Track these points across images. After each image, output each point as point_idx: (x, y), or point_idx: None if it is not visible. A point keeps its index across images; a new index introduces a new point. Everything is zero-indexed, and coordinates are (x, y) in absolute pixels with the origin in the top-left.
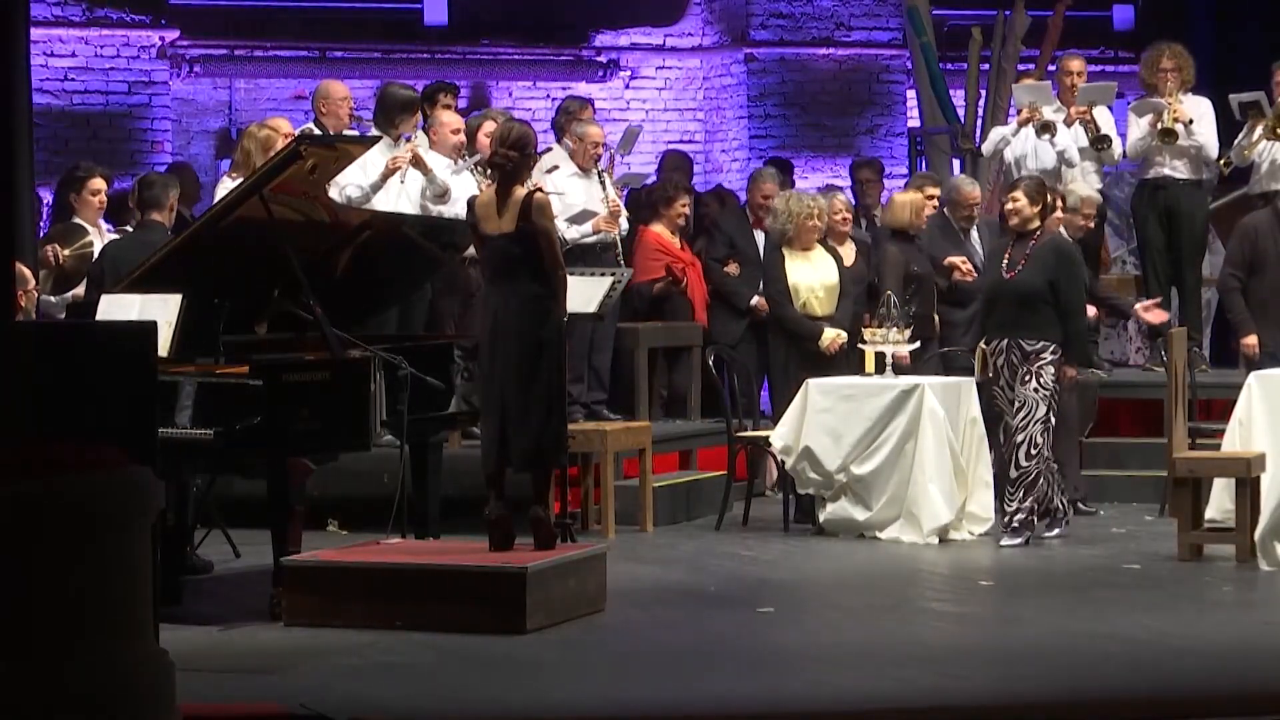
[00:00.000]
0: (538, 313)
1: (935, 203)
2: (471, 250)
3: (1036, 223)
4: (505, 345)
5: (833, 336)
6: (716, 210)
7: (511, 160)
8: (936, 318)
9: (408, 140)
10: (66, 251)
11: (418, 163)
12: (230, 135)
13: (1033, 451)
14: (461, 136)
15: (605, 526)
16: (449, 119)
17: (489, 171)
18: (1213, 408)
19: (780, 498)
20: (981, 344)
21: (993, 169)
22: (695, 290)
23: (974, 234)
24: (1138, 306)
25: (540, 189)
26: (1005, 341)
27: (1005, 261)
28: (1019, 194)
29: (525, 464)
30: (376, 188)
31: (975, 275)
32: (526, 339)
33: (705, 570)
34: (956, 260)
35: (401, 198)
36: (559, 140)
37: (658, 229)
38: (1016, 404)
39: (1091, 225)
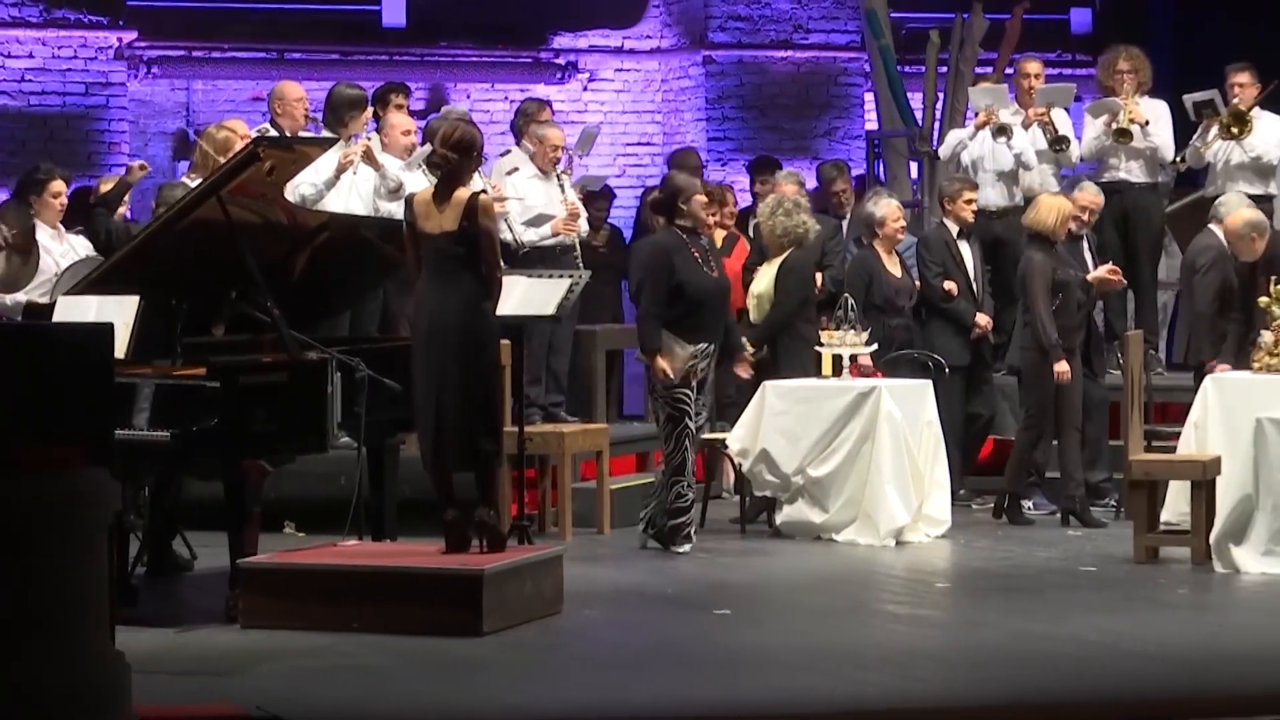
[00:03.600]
0: (477, 313)
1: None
2: None
3: None
4: (443, 345)
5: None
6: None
7: (451, 161)
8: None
9: (358, 139)
10: (10, 231)
11: (370, 158)
12: (188, 137)
13: None
14: (413, 138)
15: (562, 529)
16: (400, 120)
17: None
18: (1168, 410)
19: (737, 500)
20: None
21: (949, 172)
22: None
23: (1087, 239)
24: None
25: (485, 190)
26: None
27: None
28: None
29: (463, 464)
30: (330, 184)
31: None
32: (467, 339)
33: (662, 572)
34: (951, 285)
35: (353, 194)
36: (518, 142)
37: None
38: None
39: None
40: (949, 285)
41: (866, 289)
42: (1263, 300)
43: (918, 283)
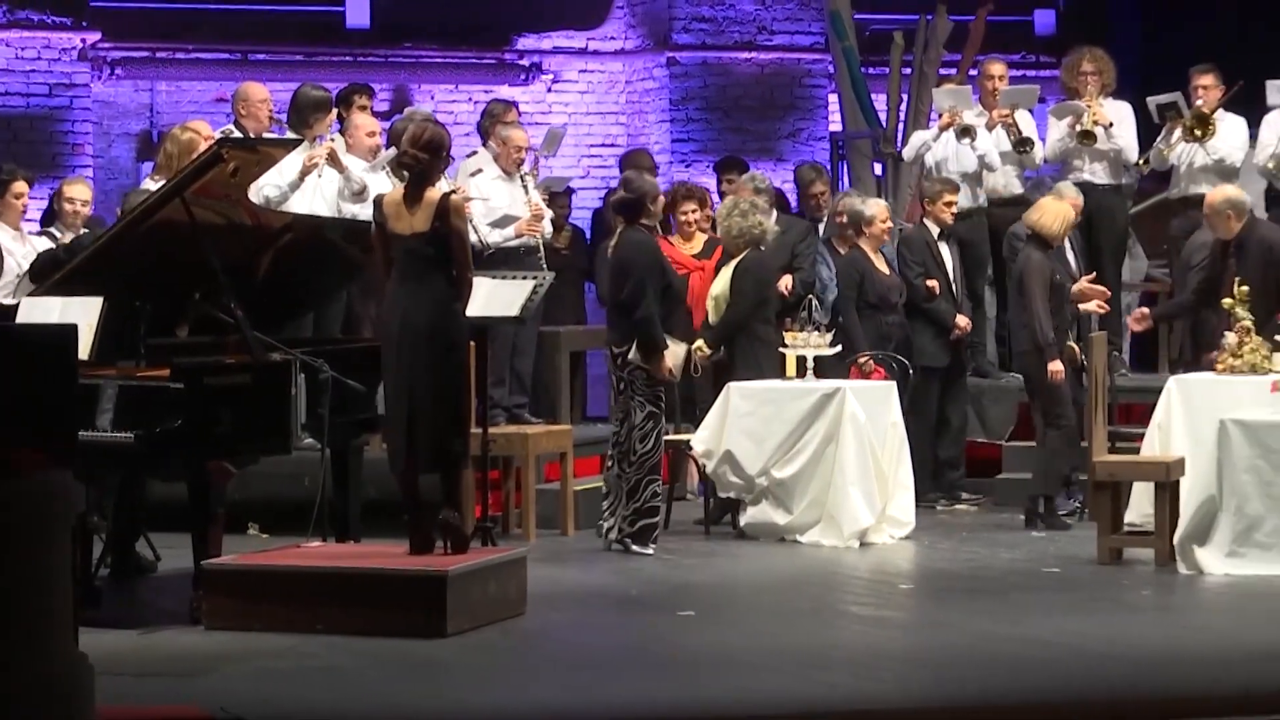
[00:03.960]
0: (447, 314)
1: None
2: None
3: None
4: (414, 346)
5: (694, 346)
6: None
7: (421, 162)
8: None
9: (323, 141)
10: None
11: (334, 161)
12: (151, 138)
13: None
14: (377, 139)
15: (526, 530)
16: (364, 121)
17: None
18: (1132, 412)
19: (701, 501)
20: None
21: (914, 173)
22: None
23: (1070, 240)
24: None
25: (455, 191)
26: None
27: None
28: None
29: (433, 465)
30: (295, 187)
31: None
32: (437, 340)
33: (626, 574)
34: (933, 283)
35: (317, 196)
36: (484, 143)
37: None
38: None
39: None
40: (931, 283)
41: (859, 288)
42: (1226, 301)
43: None
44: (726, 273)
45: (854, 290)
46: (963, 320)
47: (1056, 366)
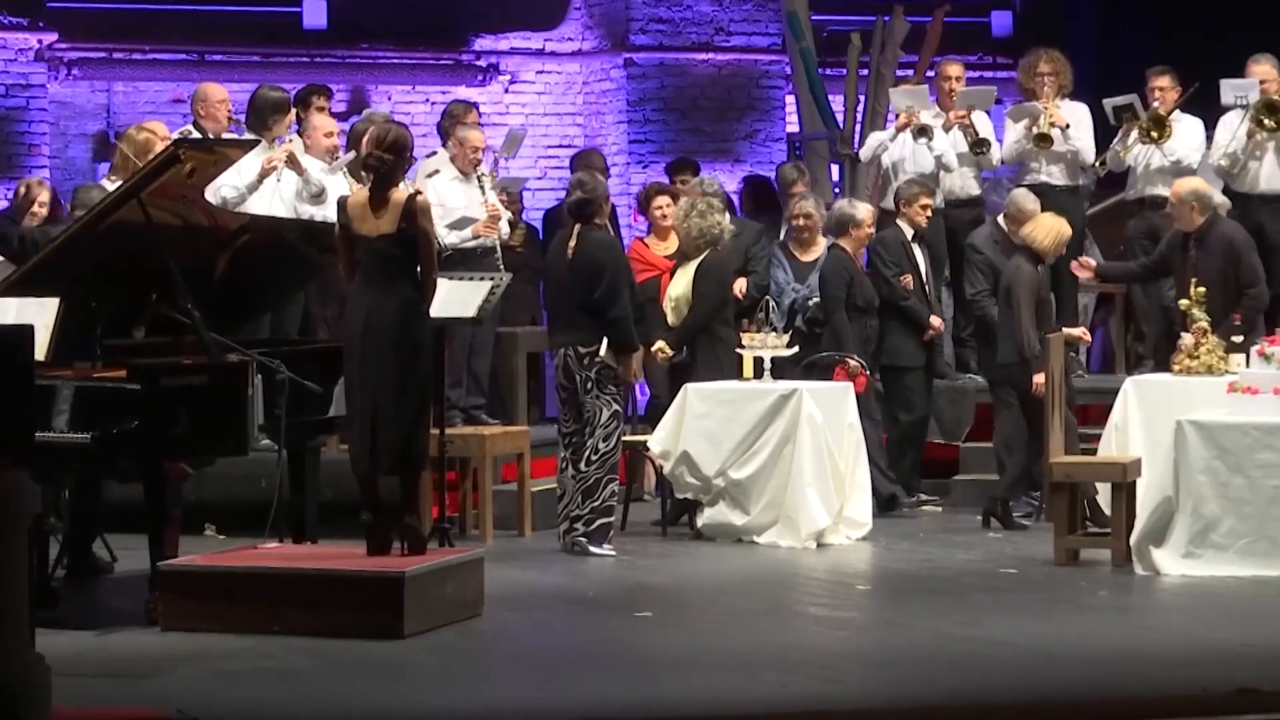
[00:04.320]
0: (413, 316)
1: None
2: None
3: None
4: (379, 348)
5: (656, 347)
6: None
7: (386, 163)
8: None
9: (282, 142)
10: None
11: (293, 163)
12: (108, 138)
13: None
14: (335, 140)
15: (483, 531)
16: (322, 122)
17: (363, 174)
18: (1089, 413)
19: (659, 502)
20: None
21: (870, 174)
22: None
23: None
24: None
25: (420, 192)
26: None
27: None
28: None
29: (395, 467)
30: (253, 188)
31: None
32: (403, 342)
33: (583, 575)
34: (908, 280)
35: (275, 198)
36: (444, 144)
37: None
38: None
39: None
40: (906, 279)
41: (848, 289)
42: (1183, 303)
43: None
44: (686, 274)
45: (843, 292)
46: (936, 321)
47: (1040, 380)
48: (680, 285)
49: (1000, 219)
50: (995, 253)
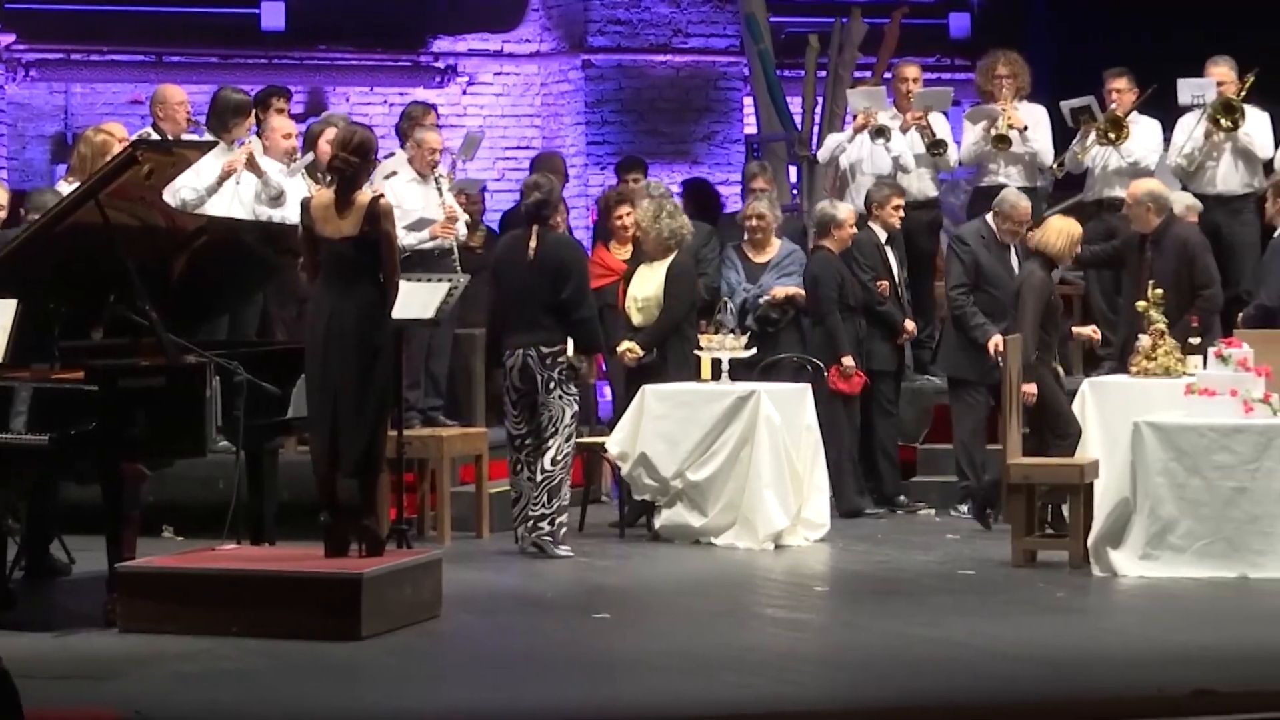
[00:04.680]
0: (374, 318)
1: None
2: None
3: None
4: (341, 351)
5: (624, 347)
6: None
7: (352, 165)
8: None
9: (241, 145)
10: None
11: (252, 165)
12: (66, 140)
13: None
14: (294, 142)
15: (441, 533)
16: (281, 124)
17: (322, 175)
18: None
19: (616, 504)
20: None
21: (829, 175)
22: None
23: (1013, 249)
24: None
25: (384, 194)
26: None
27: None
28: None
29: (355, 470)
30: (212, 190)
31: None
32: (364, 345)
33: (541, 576)
34: (884, 285)
35: (234, 199)
36: (402, 146)
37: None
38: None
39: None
40: (883, 285)
41: (840, 289)
42: (1140, 304)
43: None
44: (654, 275)
45: (834, 291)
46: (910, 324)
47: (1030, 389)
48: (650, 286)
49: (990, 218)
50: (981, 249)
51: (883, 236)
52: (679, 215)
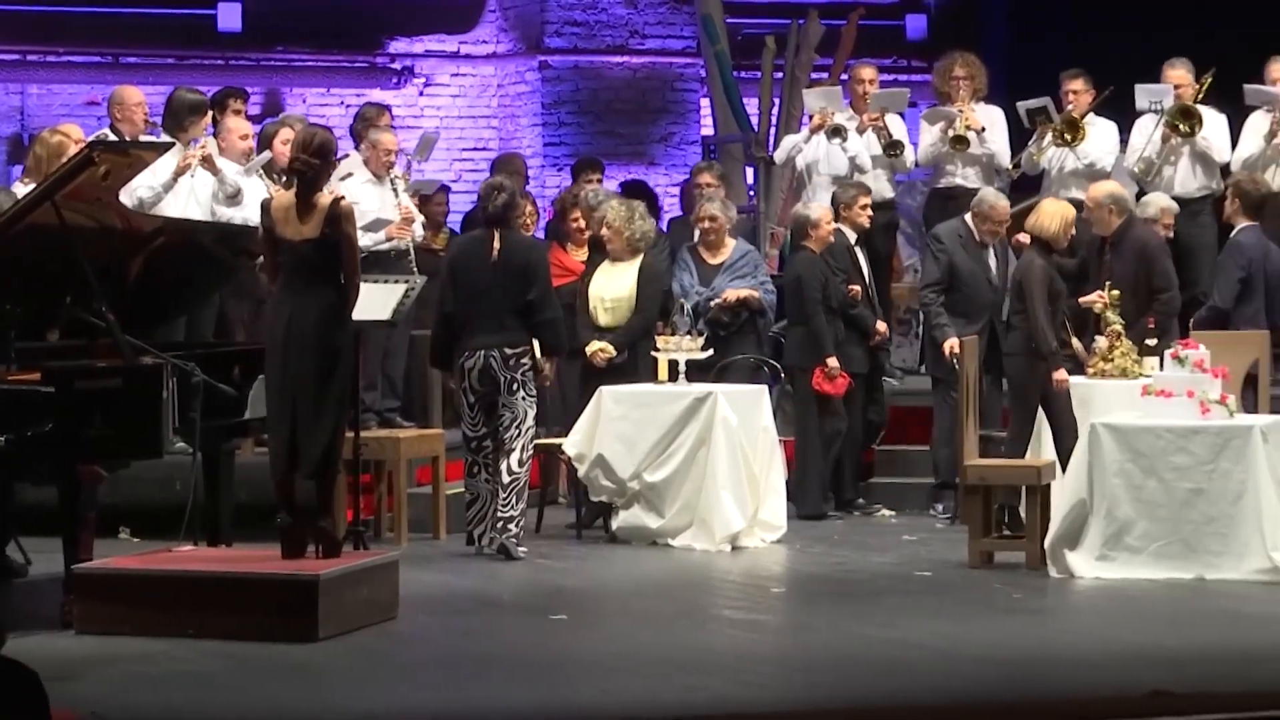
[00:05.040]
0: (335, 320)
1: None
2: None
3: None
4: (300, 352)
5: (595, 347)
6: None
7: (313, 167)
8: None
9: (197, 144)
10: None
11: (208, 163)
12: (22, 141)
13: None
14: (250, 143)
15: (398, 534)
16: (238, 125)
17: (278, 174)
18: (1004, 416)
19: (573, 505)
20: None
21: (785, 176)
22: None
23: (992, 249)
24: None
25: (344, 196)
26: None
27: None
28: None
29: (314, 471)
30: (168, 188)
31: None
32: (323, 347)
33: (498, 578)
34: (856, 289)
35: (191, 199)
36: (356, 147)
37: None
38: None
39: (1171, 234)
40: (854, 289)
41: (824, 290)
42: (1097, 306)
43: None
44: (622, 276)
45: (819, 291)
46: (882, 326)
47: (1062, 375)
48: (618, 287)
49: (968, 218)
50: (958, 249)
51: (852, 238)
52: (649, 217)
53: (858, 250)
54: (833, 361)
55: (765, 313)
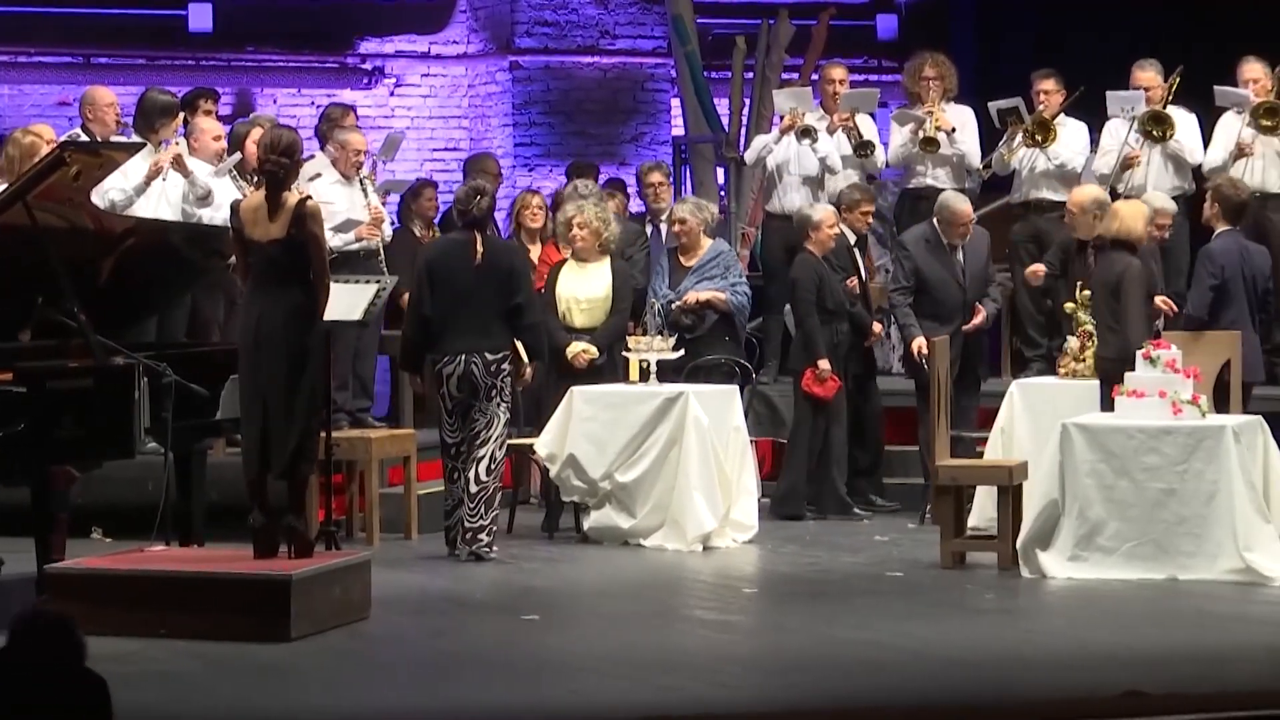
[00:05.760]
0: (303, 321)
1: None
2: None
3: None
4: (271, 353)
5: (578, 349)
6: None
7: (282, 167)
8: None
9: (168, 145)
10: None
11: (179, 165)
12: None
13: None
14: (222, 143)
15: (370, 534)
16: (209, 125)
17: (251, 176)
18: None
19: (543, 505)
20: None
21: (756, 177)
22: None
23: (960, 250)
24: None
25: (311, 196)
26: None
27: None
28: None
29: (286, 471)
30: (140, 190)
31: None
32: (293, 347)
33: (470, 578)
34: (854, 283)
35: (162, 200)
36: (322, 148)
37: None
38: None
39: (1166, 236)
40: (851, 282)
41: (818, 292)
42: (1068, 306)
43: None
44: (594, 277)
45: (813, 294)
46: (878, 326)
47: None
48: (594, 288)
49: (935, 221)
50: (923, 253)
51: (852, 239)
52: (619, 220)
53: (856, 251)
54: (824, 364)
55: (734, 314)
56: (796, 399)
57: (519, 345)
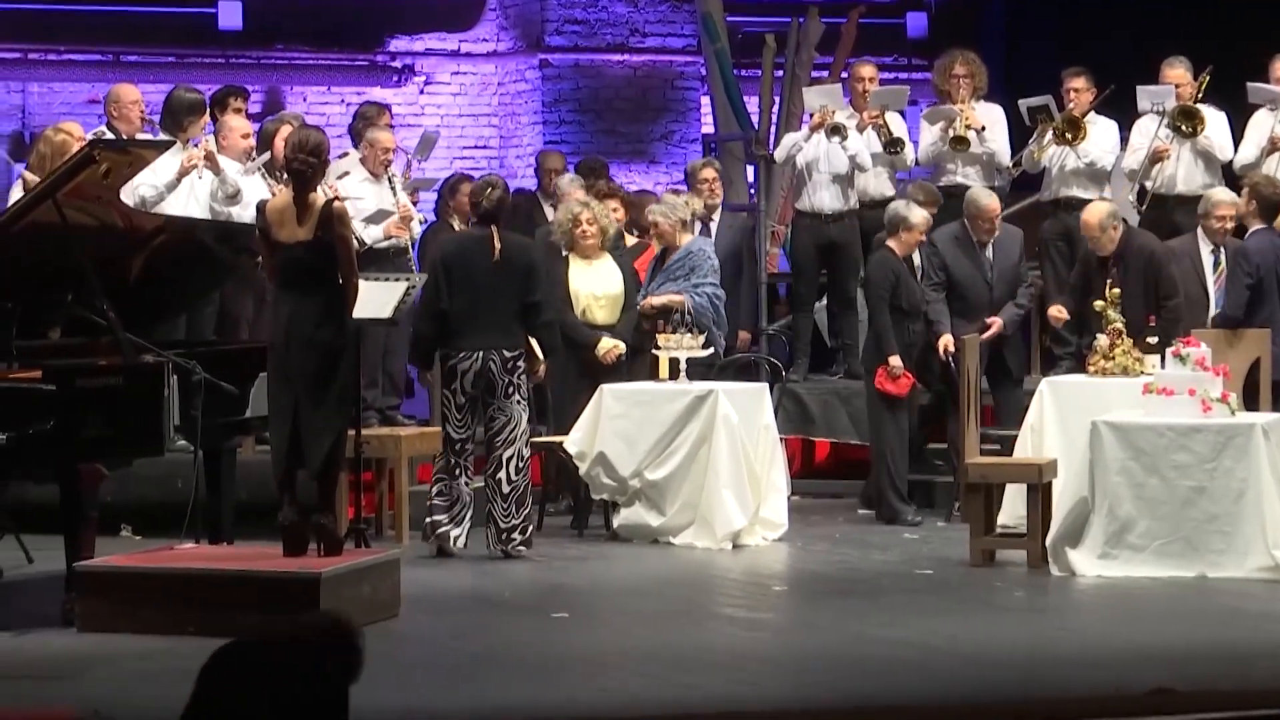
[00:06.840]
0: (333, 321)
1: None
2: None
3: None
4: (301, 351)
5: (609, 346)
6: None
7: (310, 166)
8: None
9: (196, 145)
10: None
11: (211, 162)
12: (24, 139)
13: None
14: (251, 141)
15: (399, 532)
16: (238, 123)
17: (279, 173)
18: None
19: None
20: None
21: (785, 175)
22: None
23: (989, 248)
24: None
25: (339, 197)
26: None
27: None
28: None
29: (317, 471)
30: (171, 187)
31: None
32: (322, 347)
33: (499, 576)
34: None
35: (191, 198)
36: (355, 145)
37: None
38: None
39: (1229, 227)
40: None
41: (893, 291)
42: (1098, 304)
43: None
44: (604, 272)
45: (887, 291)
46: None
47: None
48: (609, 283)
49: (965, 220)
50: (952, 250)
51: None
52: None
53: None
54: (894, 361)
55: (691, 314)
56: (869, 398)
57: (533, 342)
